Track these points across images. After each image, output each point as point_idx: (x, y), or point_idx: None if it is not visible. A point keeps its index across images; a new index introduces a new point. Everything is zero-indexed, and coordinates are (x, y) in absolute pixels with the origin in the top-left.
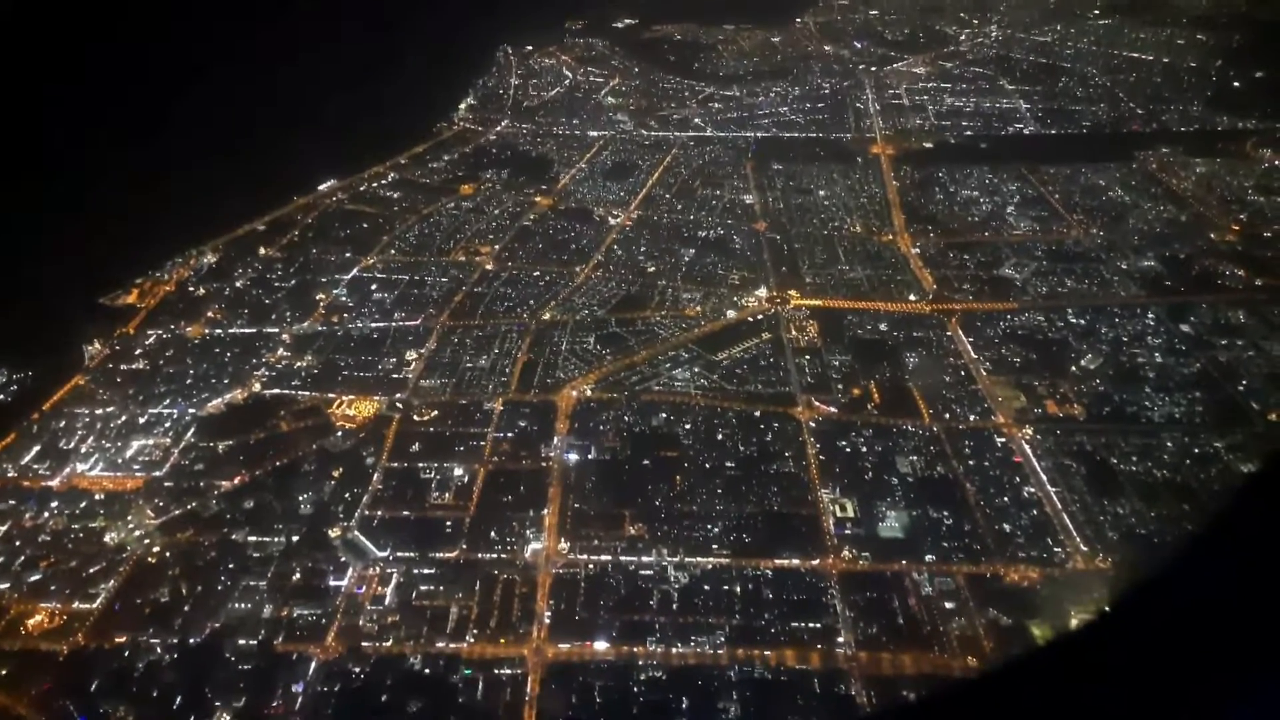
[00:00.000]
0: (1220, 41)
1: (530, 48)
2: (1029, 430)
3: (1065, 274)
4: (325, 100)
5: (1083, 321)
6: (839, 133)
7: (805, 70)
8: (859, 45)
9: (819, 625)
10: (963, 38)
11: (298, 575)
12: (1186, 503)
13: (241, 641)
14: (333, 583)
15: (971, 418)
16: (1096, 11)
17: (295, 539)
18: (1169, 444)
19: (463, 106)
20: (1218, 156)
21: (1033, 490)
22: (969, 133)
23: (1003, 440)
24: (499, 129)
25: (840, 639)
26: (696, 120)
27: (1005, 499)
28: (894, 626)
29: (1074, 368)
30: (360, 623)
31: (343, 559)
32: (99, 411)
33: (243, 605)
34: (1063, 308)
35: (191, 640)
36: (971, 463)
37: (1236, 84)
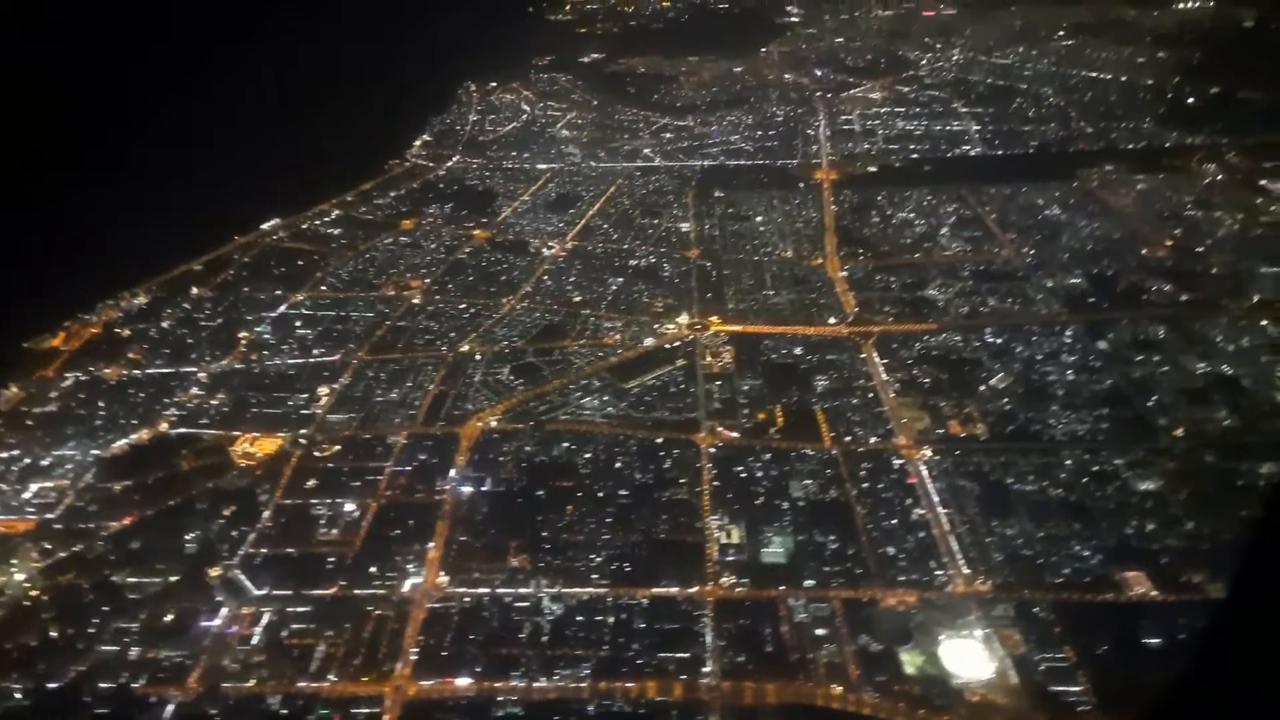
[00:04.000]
0: (1180, 59)
1: (494, 84)
2: (928, 451)
3: (989, 293)
4: (275, 139)
5: (999, 341)
6: (786, 159)
7: (762, 98)
8: (819, 73)
9: (687, 655)
10: (923, 62)
11: (170, 616)
12: (1078, 521)
13: (102, 684)
14: (204, 623)
15: (872, 440)
16: (1061, 33)
17: (174, 579)
18: (1068, 462)
19: (417, 143)
20: (1162, 172)
21: (923, 512)
22: (915, 155)
23: (900, 462)
24: (449, 164)
25: (706, 669)
26: (646, 150)
27: (894, 521)
28: (762, 655)
29: (983, 387)
30: (225, 663)
31: (218, 598)
32: (2, 455)
33: (110, 647)
34: (981, 327)
35: (50, 684)
36: (866, 485)
37: (1191, 100)
